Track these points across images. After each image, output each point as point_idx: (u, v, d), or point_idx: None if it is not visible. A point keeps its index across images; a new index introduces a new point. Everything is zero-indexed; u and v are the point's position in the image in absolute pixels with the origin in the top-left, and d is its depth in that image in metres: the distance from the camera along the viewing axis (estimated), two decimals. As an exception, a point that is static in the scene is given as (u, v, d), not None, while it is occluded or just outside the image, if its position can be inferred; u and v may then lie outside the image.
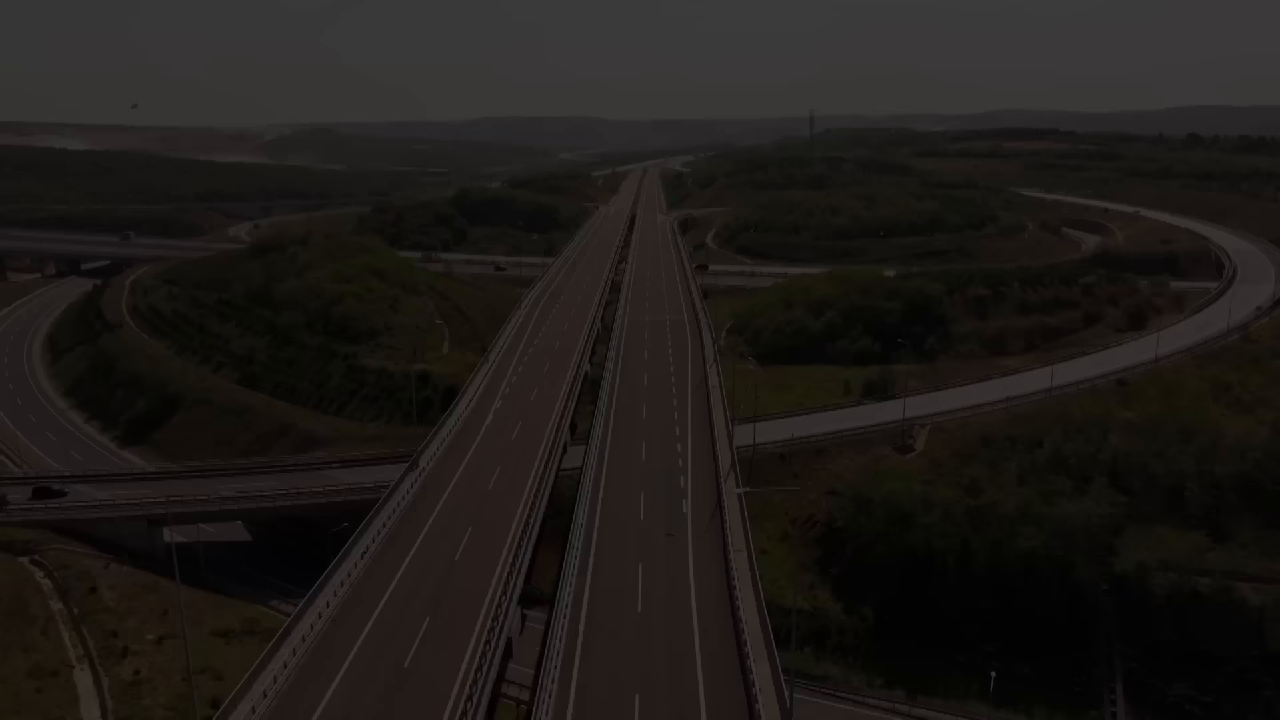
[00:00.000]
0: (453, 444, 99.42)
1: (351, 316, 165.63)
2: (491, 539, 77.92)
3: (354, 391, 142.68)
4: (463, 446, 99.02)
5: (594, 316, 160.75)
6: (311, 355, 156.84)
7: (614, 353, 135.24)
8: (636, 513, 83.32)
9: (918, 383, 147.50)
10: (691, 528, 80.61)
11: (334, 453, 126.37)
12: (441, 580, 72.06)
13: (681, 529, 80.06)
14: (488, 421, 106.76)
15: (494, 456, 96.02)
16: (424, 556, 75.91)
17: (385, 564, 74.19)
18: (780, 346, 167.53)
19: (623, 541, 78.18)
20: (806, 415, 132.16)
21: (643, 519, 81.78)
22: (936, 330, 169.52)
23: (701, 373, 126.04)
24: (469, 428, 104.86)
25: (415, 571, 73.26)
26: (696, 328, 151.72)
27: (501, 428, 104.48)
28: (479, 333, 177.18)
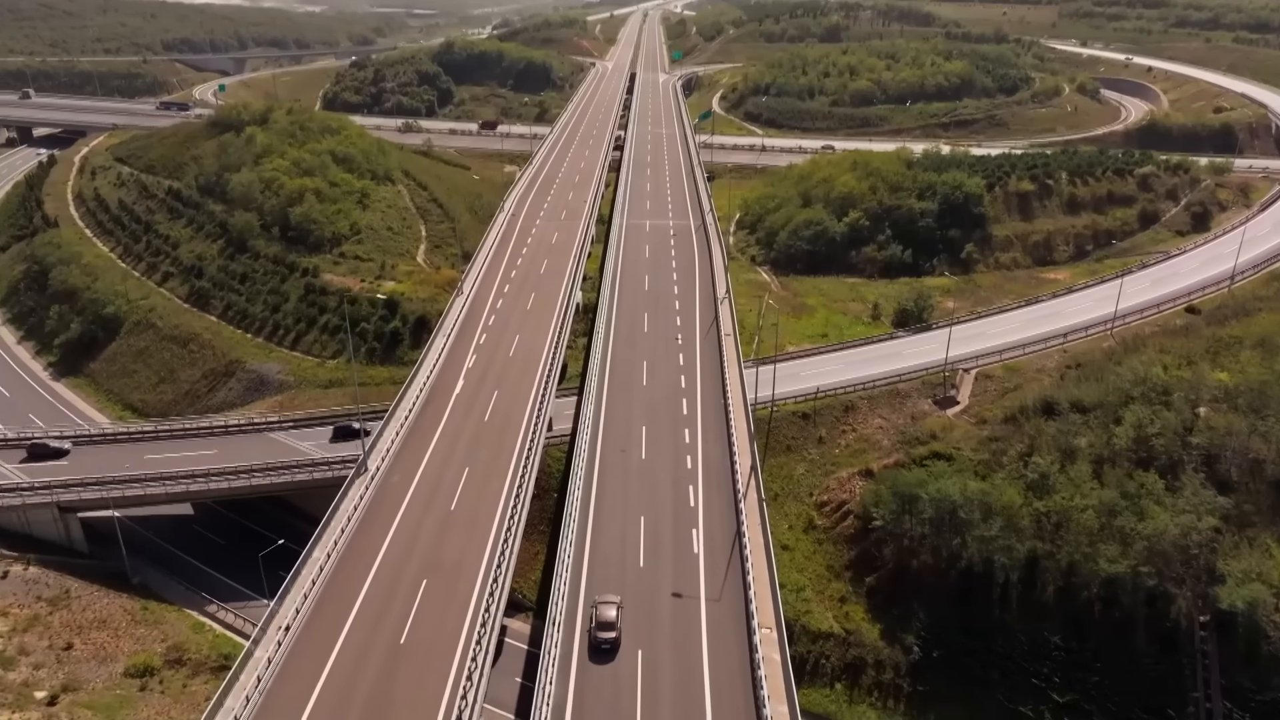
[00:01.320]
0: (414, 428, 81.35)
1: (312, 219, 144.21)
2: (452, 596, 61.09)
3: (313, 320, 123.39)
4: (424, 432, 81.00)
5: (586, 224, 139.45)
6: (267, 268, 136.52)
7: (610, 278, 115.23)
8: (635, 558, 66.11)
9: (955, 301, 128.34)
10: (704, 581, 63.63)
11: (286, 404, 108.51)
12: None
13: (692, 581, 63.07)
14: (457, 390, 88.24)
15: (459, 452, 78.16)
16: (372, 612, 59.36)
17: (333, 601, 57.83)
18: (798, 252, 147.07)
19: (617, 587, 61.44)
20: (831, 354, 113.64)
21: (643, 566, 64.57)
22: (975, 234, 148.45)
23: (712, 313, 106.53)
24: (435, 399, 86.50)
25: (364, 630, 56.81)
26: (705, 245, 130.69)
27: (471, 404, 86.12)
28: (459, 231, 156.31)
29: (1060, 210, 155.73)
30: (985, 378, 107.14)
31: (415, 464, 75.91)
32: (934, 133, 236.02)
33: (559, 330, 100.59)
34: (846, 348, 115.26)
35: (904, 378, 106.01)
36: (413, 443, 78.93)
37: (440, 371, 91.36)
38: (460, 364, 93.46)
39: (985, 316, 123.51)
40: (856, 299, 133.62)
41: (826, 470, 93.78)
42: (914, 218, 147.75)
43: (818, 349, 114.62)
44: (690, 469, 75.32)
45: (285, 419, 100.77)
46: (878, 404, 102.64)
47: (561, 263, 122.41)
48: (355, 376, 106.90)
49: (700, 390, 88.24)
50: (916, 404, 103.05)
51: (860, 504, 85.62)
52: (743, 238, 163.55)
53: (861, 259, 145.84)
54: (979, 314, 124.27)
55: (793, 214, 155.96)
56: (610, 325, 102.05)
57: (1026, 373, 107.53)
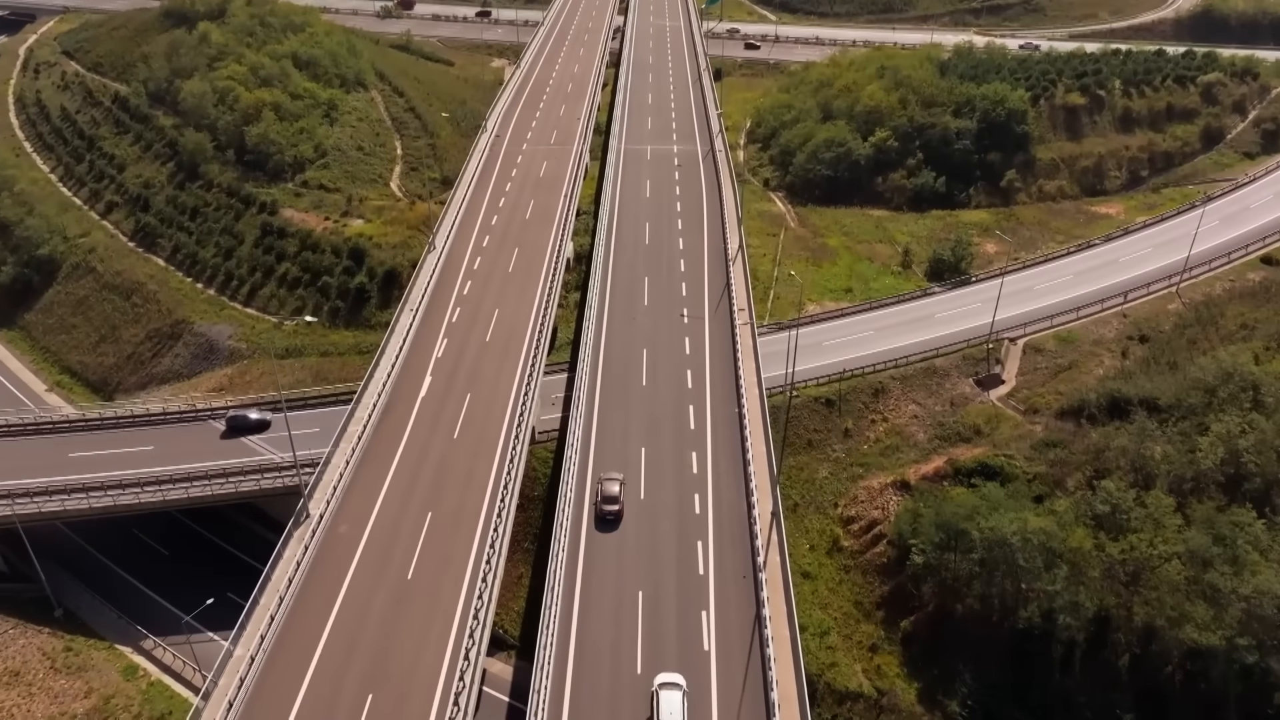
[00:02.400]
0: (368, 452, 67.98)
1: (271, 141, 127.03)
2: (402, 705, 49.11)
3: (269, 270, 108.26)
4: (381, 458, 67.70)
5: (579, 152, 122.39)
6: (220, 202, 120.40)
7: (605, 228, 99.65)
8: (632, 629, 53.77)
9: (996, 245, 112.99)
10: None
11: (237, 379, 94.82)
12: None
13: (701, 684, 50.90)
14: (422, 393, 74.40)
15: (422, 488, 65.09)
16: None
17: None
18: (817, 178, 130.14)
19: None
20: (857, 316, 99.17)
21: (639, 671, 52.17)
22: (1017, 157, 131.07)
23: (723, 277, 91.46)
24: (396, 405, 72.87)
25: None
26: (715, 182, 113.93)
27: (439, 413, 72.50)
28: (438, 149, 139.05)
29: (1112, 127, 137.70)
30: (1034, 350, 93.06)
31: (368, 507, 62.84)
32: (963, 20, 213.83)
33: (545, 303, 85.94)
34: (875, 308, 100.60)
35: (941, 351, 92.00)
36: (366, 475, 65.63)
37: (404, 365, 77.30)
38: (428, 353, 79.28)
39: (1031, 266, 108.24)
40: (883, 238, 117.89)
41: (854, 474, 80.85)
42: (949, 139, 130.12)
43: (841, 310, 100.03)
44: (699, 514, 62.23)
45: (233, 406, 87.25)
46: (911, 385, 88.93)
47: (550, 204, 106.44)
48: (277, 370, 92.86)
49: (710, 393, 74.34)
50: (956, 384, 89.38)
51: (894, 527, 72.97)
52: (755, 154, 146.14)
53: (888, 187, 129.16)
54: (1023, 262, 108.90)
55: (811, 130, 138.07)
56: (605, 296, 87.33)
57: (1081, 344, 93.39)
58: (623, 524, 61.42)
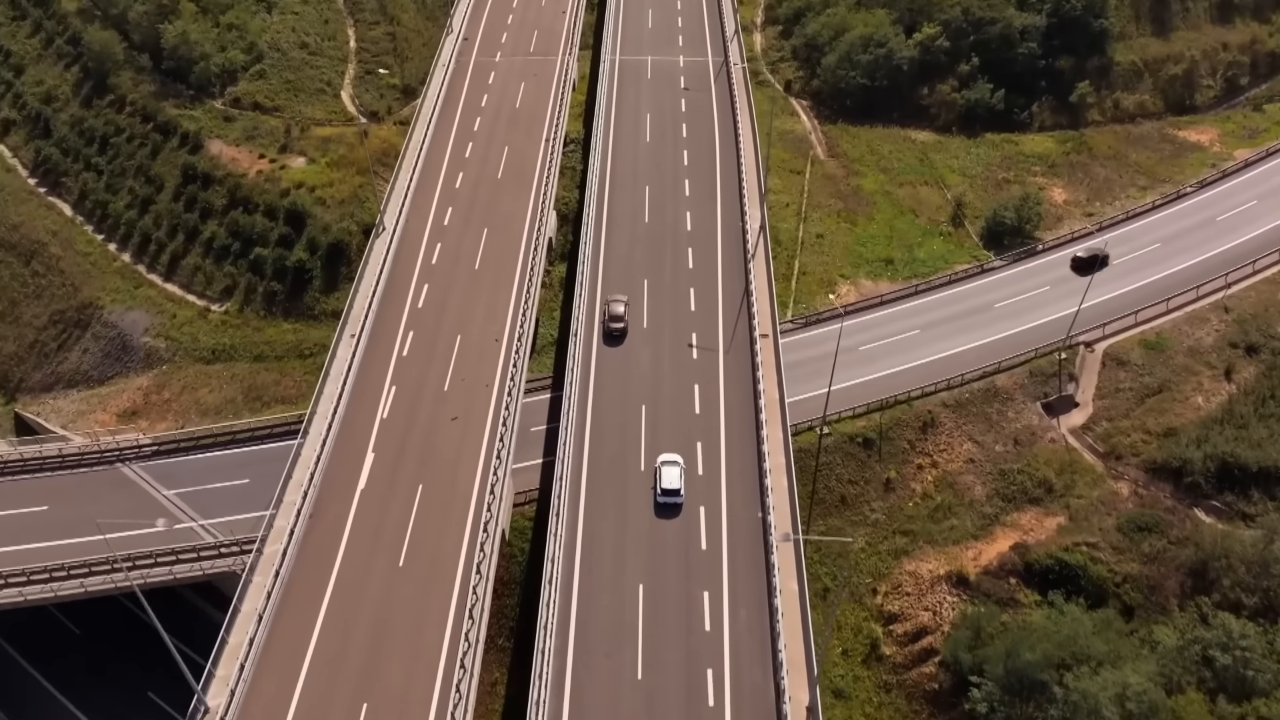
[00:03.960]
0: (288, 589, 53.18)
1: (194, 42, 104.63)
2: None
3: (193, 232, 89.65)
4: (302, 601, 52.99)
5: (564, 67, 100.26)
6: (134, 129, 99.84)
7: (594, 197, 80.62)
8: None
9: (1064, 187, 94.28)
10: None
11: (153, 394, 78.70)
12: None
13: None
14: (361, 485, 58.58)
15: (357, 646, 50.79)
16: None
17: None
18: (850, 86, 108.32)
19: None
20: (900, 304, 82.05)
21: None
22: (1091, 60, 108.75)
23: (739, 272, 73.62)
24: (327, 507, 57.43)
25: None
26: (730, 120, 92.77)
27: (380, 521, 57.07)
28: (400, 41, 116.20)
29: (1208, 17, 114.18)
30: (1115, 363, 76.50)
31: (286, 689, 48.69)
32: None
33: (520, 320, 68.67)
34: (921, 292, 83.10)
35: (1004, 364, 75.53)
36: (282, 640, 50.95)
37: (340, 433, 61.14)
38: (371, 411, 62.88)
39: (1108, 228, 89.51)
40: (929, 177, 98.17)
41: (897, 546, 66.43)
42: (1011, 39, 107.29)
43: (881, 297, 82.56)
44: (713, 704, 48.16)
45: (151, 446, 71.60)
46: (967, 414, 73.09)
47: (528, 154, 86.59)
48: (201, 382, 76.19)
49: (725, 496, 58.44)
50: (1020, 411, 73.51)
51: (949, 645, 59.27)
52: (774, 40, 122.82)
53: (935, 100, 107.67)
54: (1099, 223, 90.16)
55: (844, 20, 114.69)
56: (594, 317, 69.88)
57: (1173, 353, 76.70)
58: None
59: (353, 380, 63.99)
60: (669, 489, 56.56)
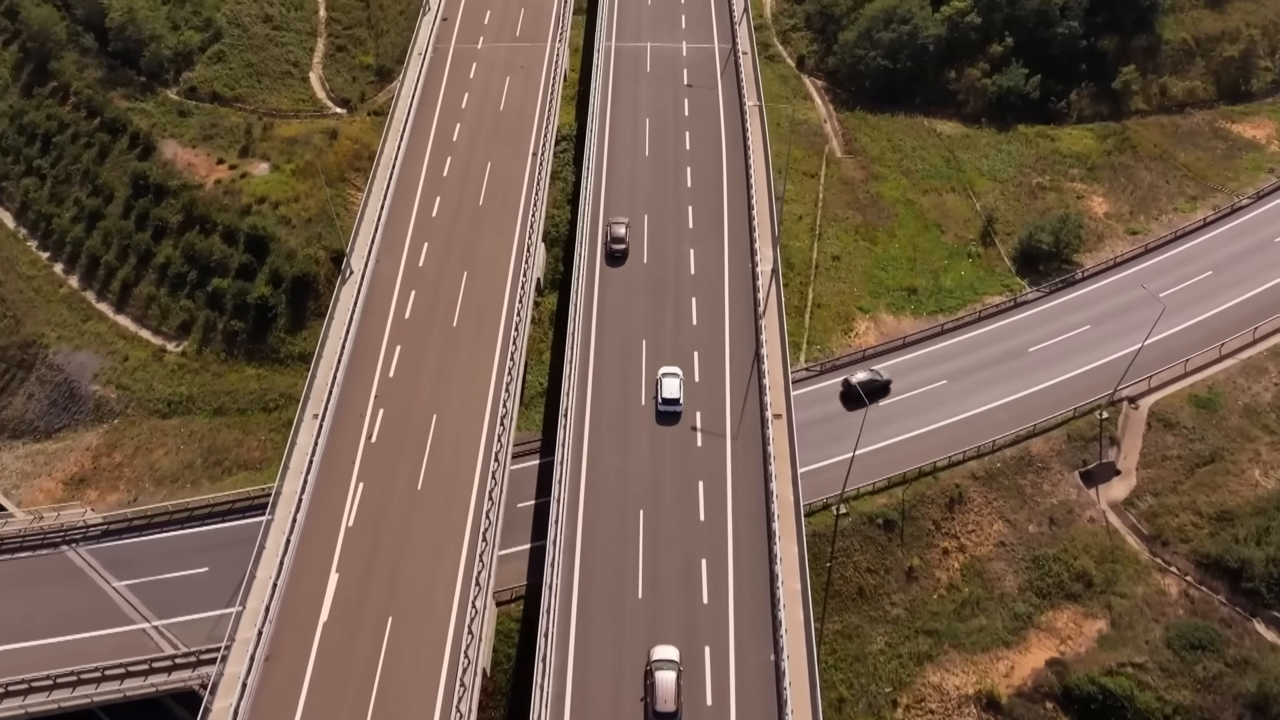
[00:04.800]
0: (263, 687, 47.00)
1: (143, 21, 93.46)
2: None
3: (147, 255, 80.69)
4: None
5: (553, 59, 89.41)
6: (78, 125, 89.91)
7: (585, 240, 71.65)
8: None
9: (1106, 196, 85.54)
10: None
11: (102, 455, 71.22)
12: None
13: None
14: (323, 618, 51.71)
15: None
16: None
17: None
18: (870, 67, 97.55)
19: None
20: (924, 348, 74.00)
21: None
22: (1137, 39, 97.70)
23: (750, 333, 65.43)
24: (281, 650, 50.73)
25: None
26: (739, 131, 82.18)
27: (344, 667, 50.38)
28: (374, 11, 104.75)
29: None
30: (1161, 424, 68.95)
31: None
32: None
33: (503, 398, 60.82)
34: (947, 332, 74.98)
35: (1039, 426, 68.00)
36: None
37: (300, 547, 53.97)
38: (336, 520, 55.47)
39: (1154, 250, 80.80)
40: (956, 180, 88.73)
41: (919, 650, 60.02)
42: (1050, 16, 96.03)
43: (904, 339, 74.38)
44: None
45: (101, 525, 64.62)
46: (998, 486, 65.97)
47: (513, 172, 77.11)
48: (157, 443, 68.45)
49: (734, 623, 51.73)
50: (1056, 482, 66.37)
51: (980, 776, 53.58)
52: (782, 7, 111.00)
53: (963, 86, 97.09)
54: (1144, 244, 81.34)
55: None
56: (587, 391, 61.95)
57: (1227, 413, 69.18)
58: None
59: (314, 479, 56.51)
60: (669, 398, 59.91)
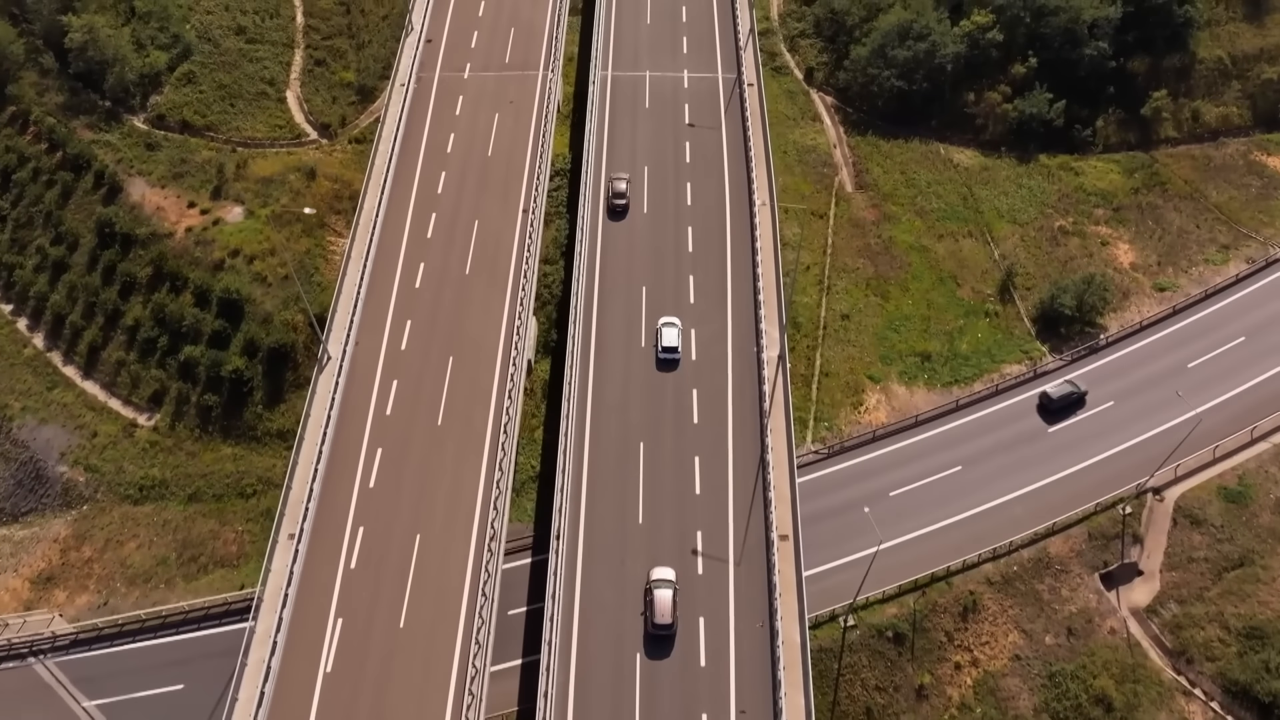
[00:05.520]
0: None
1: (105, 41, 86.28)
2: None
3: (115, 315, 75.08)
4: None
5: (544, 94, 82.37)
6: (39, 159, 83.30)
7: (581, 310, 66.29)
8: None
9: (1132, 242, 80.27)
10: None
11: (72, 547, 66.97)
12: None
13: None
14: None
15: None
16: None
17: None
18: (883, 87, 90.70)
19: None
20: (938, 427, 69.43)
21: None
22: (1170, 59, 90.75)
23: (756, 445, 60.61)
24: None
25: None
26: (744, 197, 75.67)
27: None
28: (354, 16, 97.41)
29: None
30: (1188, 520, 64.72)
31: None
32: None
33: (491, 514, 56.41)
34: (963, 407, 70.26)
35: (1058, 524, 63.84)
36: None
37: (274, 702, 50.17)
38: (313, 662, 51.61)
39: (1183, 311, 75.56)
40: (973, 221, 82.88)
41: (930, 778, 56.95)
42: (1078, 35, 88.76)
43: (915, 419, 69.62)
44: None
45: (70, 634, 60.79)
46: (1014, 592, 62.07)
47: (503, 232, 71.18)
48: (130, 534, 64.11)
49: None
50: (1075, 587, 62.45)
51: None
52: (790, 8, 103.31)
53: (982, 110, 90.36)
54: (1173, 306, 76.00)
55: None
56: (580, 517, 57.50)
57: (1258, 508, 65.03)
58: None
59: (290, 617, 52.45)
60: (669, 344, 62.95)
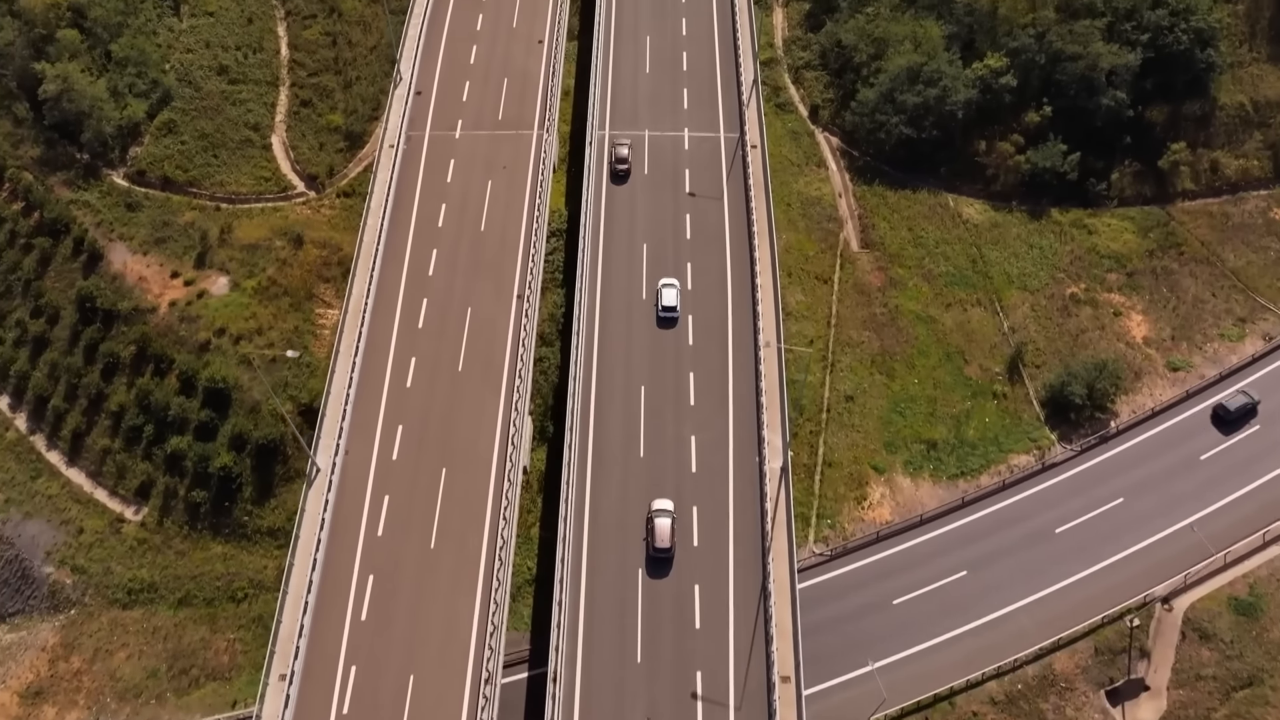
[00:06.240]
0: None
1: (81, 92, 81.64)
2: None
3: (98, 398, 72.10)
4: None
5: (538, 159, 77.87)
6: (17, 222, 79.60)
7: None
8: None
9: (1145, 313, 77.34)
10: None
11: (60, 662, 65.06)
12: None
13: None
14: None
15: None
16: None
17: None
18: (891, 134, 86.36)
19: None
20: (943, 526, 67.12)
21: None
22: (1190, 106, 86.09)
23: (756, 546, 58.18)
24: None
25: None
26: (747, 291, 70.93)
27: None
28: (341, 48, 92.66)
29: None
30: (1197, 633, 62.81)
31: None
32: None
33: (487, 649, 54.28)
34: (969, 504, 67.83)
35: (1063, 638, 61.96)
36: None
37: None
38: None
39: (1197, 394, 72.59)
40: (981, 291, 79.29)
41: None
42: (1095, 84, 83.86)
43: (920, 518, 67.22)
44: None
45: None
46: (1017, 712, 60.45)
47: (497, 319, 67.59)
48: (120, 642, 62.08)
49: None
50: (1080, 706, 60.84)
51: None
52: (797, 29, 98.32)
53: (994, 160, 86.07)
54: (1187, 389, 72.99)
55: (885, 27, 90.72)
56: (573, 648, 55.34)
57: (1270, 621, 63.23)
58: None
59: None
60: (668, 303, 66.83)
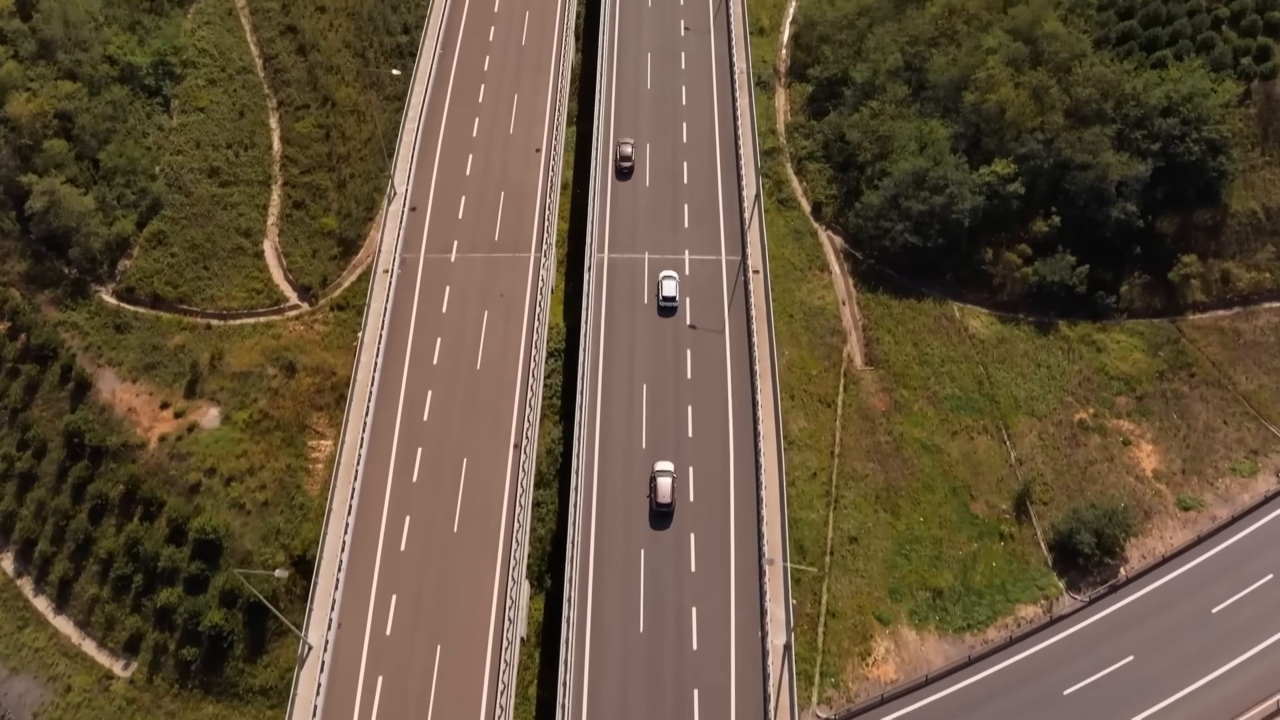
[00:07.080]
0: None
1: (69, 207, 78.52)
2: None
3: (86, 543, 69.43)
4: None
5: (534, 299, 74.55)
6: (3, 347, 76.99)
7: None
8: None
9: (1155, 444, 74.77)
10: None
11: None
12: None
13: None
14: None
15: None
16: None
17: None
18: (895, 242, 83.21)
19: None
20: (950, 687, 64.76)
21: None
22: (1200, 214, 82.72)
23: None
24: None
25: None
26: (749, 430, 67.90)
27: None
28: (335, 141, 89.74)
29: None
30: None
31: None
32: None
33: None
34: (975, 662, 65.44)
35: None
36: None
37: None
38: None
39: (1208, 539, 69.96)
40: (987, 418, 76.38)
41: None
42: (1104, 195, 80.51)
43: (926, 679, 64.85)
44: None
45: None
46: None
47: (493, 483, 64.85)
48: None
49: None
50: None
51: None
52: (800, 114, 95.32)
53: (1000, 270, 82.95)
54: (1198, 532, 70.35)
55: (890, 124, 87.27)
56: None
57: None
58: None
59: None
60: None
